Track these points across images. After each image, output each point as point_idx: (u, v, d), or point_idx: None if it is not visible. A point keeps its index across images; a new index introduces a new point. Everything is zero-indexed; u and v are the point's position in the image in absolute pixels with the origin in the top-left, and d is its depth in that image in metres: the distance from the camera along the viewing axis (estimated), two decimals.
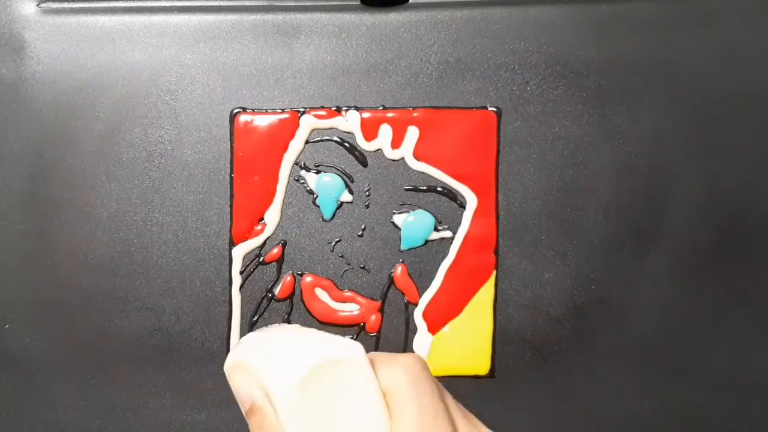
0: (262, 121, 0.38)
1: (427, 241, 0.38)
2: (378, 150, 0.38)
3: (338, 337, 0.25)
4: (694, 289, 0.38)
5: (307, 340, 0.26)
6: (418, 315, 0.38)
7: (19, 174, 0.38)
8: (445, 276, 0.38)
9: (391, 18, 0.38)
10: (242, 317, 0.38)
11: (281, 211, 0.38)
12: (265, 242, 0.38)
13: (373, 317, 0.38)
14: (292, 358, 0.25)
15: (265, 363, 0.26)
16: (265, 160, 0.38)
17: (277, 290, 0.38)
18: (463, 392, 0.38)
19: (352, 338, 0.38)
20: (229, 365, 0.28)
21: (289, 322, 0.38)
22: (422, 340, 0.38)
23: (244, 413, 0.27)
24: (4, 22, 0.38)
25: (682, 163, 0.38)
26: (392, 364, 0.25)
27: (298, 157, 0.38)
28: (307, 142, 0.38)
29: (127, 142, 0.38)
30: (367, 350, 0.25)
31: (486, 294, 0.38)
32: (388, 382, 0.24)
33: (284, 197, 0.38)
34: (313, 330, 0.27)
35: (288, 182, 0.38)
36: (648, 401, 0.38)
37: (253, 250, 0.38)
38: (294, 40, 0.38)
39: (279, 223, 0.38)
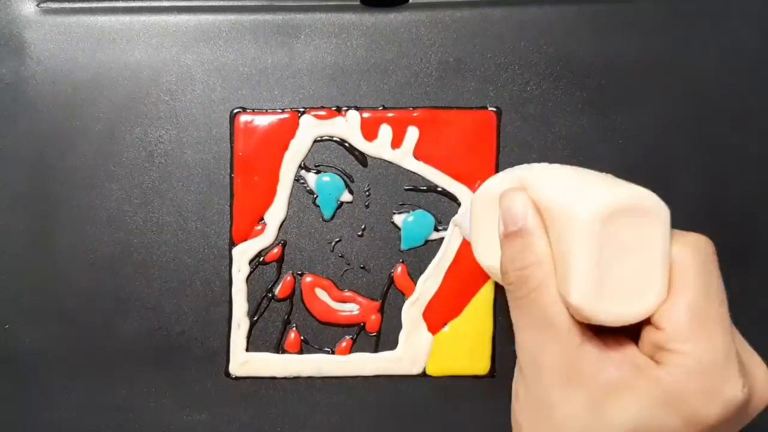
0: (262, 121, 0.38)
1: (427, 241, 0.38)
2: (378, 150, 0.38)
3: (645, 189, 0.25)
4: None
5: (614, 180, 0.25)
6: (408, 310, 0.38)
7: (19, 174, 0.38)
8: (445, 276, 0.38)
9: (391, 18, 0.38)
10: (242, 317, 0.38)
11: (285, 211, 0.38)
12: (273, 243, 0.38)
13: (373, 317, 0.38)
14: (597, 192, 0.24)
15: (559, 191, 0.25)
16: (265, 160, 0.38)
17: (277, 290, 0.38)
18: (463, 392, 0.38)
19: (360, 333, 0.38)
20: (502, 185, 0.27)
21: (289, 322, 0.38)
22: (422, 339, 0.38)
23: (500, 234, 0.26)
24: (4, 22, 0.38)
25: (682, 163, 0.38)
26: (685, 238, 0.24)
27: (299, 157, 0.38)
28: (315, 140, 0.38)
29: (127, 142, 0.38)
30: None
31: (486, 294, 0.38)
32: (676, 253, 0.23)
33: (288, 197, 0.38)
34: (609, 176, 0.26)
35: (291, 183, 0.38)
36: None
37: (260, 251, 0.38)
38: (294, 40, 0.38)
39: (283, 223, 0.38)
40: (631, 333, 0.25)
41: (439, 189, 0.38)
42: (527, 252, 0.25)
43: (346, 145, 0.38)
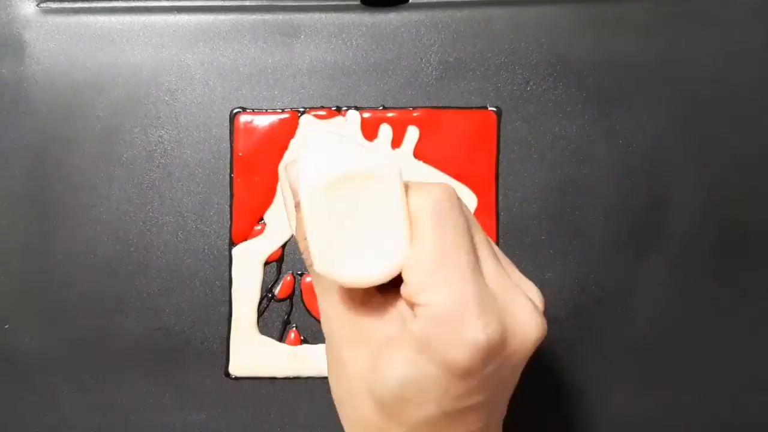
0: (262, 121, 0.38)
1: None
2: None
3: (379, 152, 0.25)
4: (694, 290, 0.38)
5: (347, 147, 0.25)
6: None
7: (19, 174, 0.38)
8: None
9: (391, 18, 0.38)
10: (242, 317, 0.38)
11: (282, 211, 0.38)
12: (284, 246, 0.38)
13: None
14: (327, 159, 0.24)
15: (307, 159, 0.25)
16: (265, 160, 0.38)
17: (277, 290, 0.38)
18: None
19: None
20: (287, 159, 0.27)
21: (289, 322, 0.38)
22: None
23: (293, 207, 0.27)
24: (4, 22, 0.38)
25: (682, 163, 0.38)
26: (420, 191, 0.24)
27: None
28: None
29: (127, 142, 0.38)
30: None
31: None
32: (412, 208, 0.23)
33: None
34: (359, 140, 0.26)
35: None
36: (648, 401, 0.38)
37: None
38: (294, 40, 0.38)
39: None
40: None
41: None
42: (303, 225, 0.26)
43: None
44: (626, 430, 0.38)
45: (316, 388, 0.38)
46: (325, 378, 0.37)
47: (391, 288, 0.24)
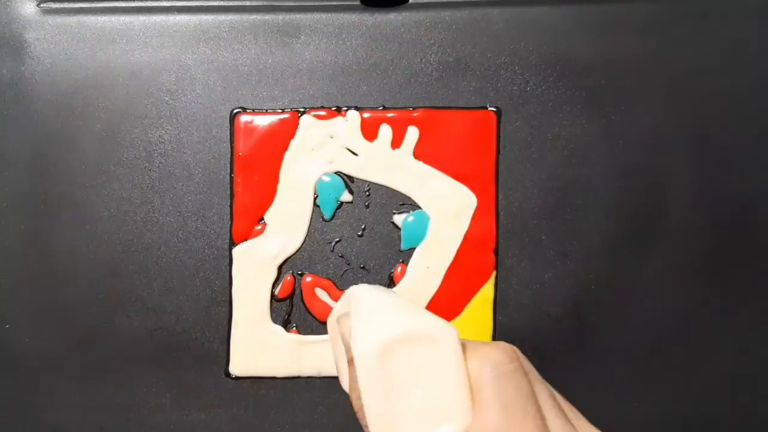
0: (262, 121, 0.38)
1: None
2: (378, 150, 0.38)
3: (434, 316, 0.23)
4: (694, 289, 0.38)
5: (403, 308, 0.24)
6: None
7: (19, 174, 0.38)
8: (445, 276, 0.38)
9: (391, 18, 0.38)
10: (242, 317, 0.38)
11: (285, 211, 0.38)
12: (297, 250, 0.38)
13: None
14: (380, 323, 0.23)
15: (357, 324, 0.24)
16: (265, 160, 0.38)
17: (277, 290, 0.38)
18: None
19: None
20: (337, 311, 0.26)
21: (289, 321, 0.38)
22: None
23: (347, 361, 0.26)
24: (4, 22, 0.38)
25: (682, 163, 0.38)
26: (478, 353, 0.23)
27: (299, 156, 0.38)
28: None
29: (127, 142, 0.38)
30: None
31: (486, 294, 0.38)
32: (472, 372, 0.22)
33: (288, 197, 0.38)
34: (413, 303, 0.25)
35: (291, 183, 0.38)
36: (648, 401, 0.38)
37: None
38: (294, 40, 0.38)
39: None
40: None
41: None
42: (355, 383, 0.25)
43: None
44: (626, 430, 0.38)
45: (316, 388, 0.38)
46: (325, 378, 0.38)
47: None
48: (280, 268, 0.38)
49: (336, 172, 0.38)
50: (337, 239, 0.38)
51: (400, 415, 0.22)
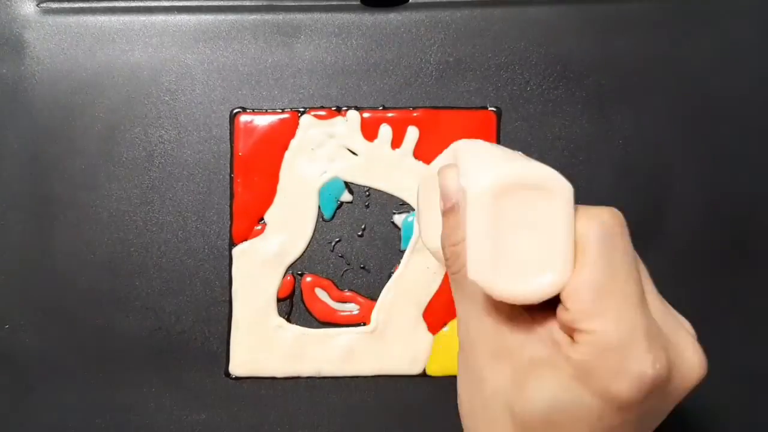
0: (262, 121, 0.38)
1: None
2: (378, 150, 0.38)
3: (550, 168, 0.23)
4: (694, 289, 0.38)
5: (519, 157, 0.24)
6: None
7: (19, 174, 0.38)
8: (445, 276, 0.38)
9: (391, 18, 0.38)
10: (242, 317, 0.38)
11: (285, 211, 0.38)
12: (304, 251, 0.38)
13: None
14: (500, 166, 0.23)
15: (472, 165, 0.24)
16: (265, 160, 0.38)
17: (277, 290, 0.38)
18: None
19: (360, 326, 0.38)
20: (442, 163, 0.26)
21: (289, 321, 0.38)
22: (422, 340, 0.38)
23: (441, 210, 0.26)
24: (4, 22, 0.38)
25: (682, 163, 0.38)
26: (589, 213, 0.23)
27: (299, 157, 0.38)
28: None
29: (127, 142, 0.38)
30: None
31: None
32: (580, 229, 0.23)
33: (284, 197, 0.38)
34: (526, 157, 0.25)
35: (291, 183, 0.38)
36: None
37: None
38: (294, 40, 0.38)
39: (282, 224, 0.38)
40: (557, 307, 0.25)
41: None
42: (458, 228, 0.25)
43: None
44: None
45: (316, 388, 0.38)
46: (325, 378, 0.38)
47: (540, 308, 0.24)
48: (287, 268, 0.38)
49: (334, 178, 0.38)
50: (337, 239, 0.38)
51: (503, 257, 0.22)
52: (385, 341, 0.38)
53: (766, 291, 0.38)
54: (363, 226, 0.38)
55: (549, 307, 0.23)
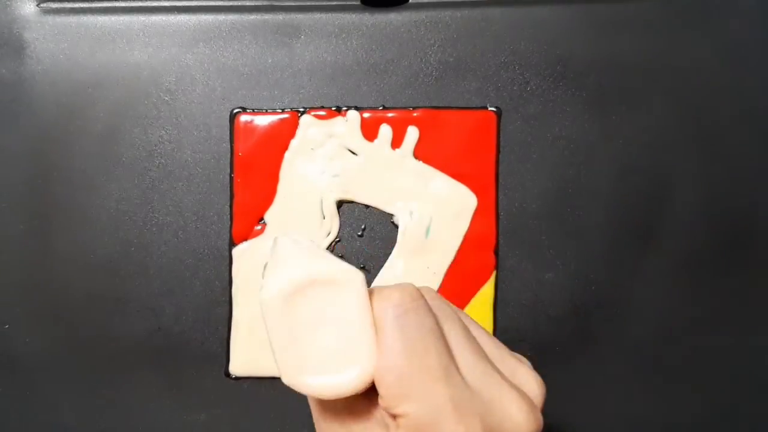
0: (262, 121, 0.38)
1: None
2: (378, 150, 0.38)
3: (341, 261, 0.24)
4: (694, 290, 0.38)
5: (312, 254, 0.24)
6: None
7: (19, 174, 0.38)
8: (445, 276, 0.38)
9: (391, 18, 0.38)
10: (242, 317, 0.38)
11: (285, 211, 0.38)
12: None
13: None
14: (285, 268, 0.23)
15: (269, 267, 0.24)
16: (265, 160, 0.38)
17: None
18: None
19: None
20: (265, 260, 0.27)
21: None
22: None
23: None
24: (4, 22, 0.38)
25: (682, 163, 0.38)
26: (380, 296, 0.23)
27: (299, 156, 0.38)
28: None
29: (127, 142, 0.38)
30: None
31: (486, 294, 0.38)
32: (375, 314, 0.22)
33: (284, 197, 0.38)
34: (322, 248, 0.26)
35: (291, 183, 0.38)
36: (648, 401, 0.38)
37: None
38: (294, 40, 0.38)
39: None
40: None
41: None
42: None
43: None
44: (626, 429, 0.38)
45: None
46: None
47: (376, 393, 0.23)
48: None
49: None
50: (337, 239, 0.38)
51: (307, 358, 0.23)
52: None
53: (766, 291, 0.38)
54: (363, 226, 0.38)
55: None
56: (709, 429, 0.38)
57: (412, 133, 0.38)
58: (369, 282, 0.38)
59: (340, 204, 0.38)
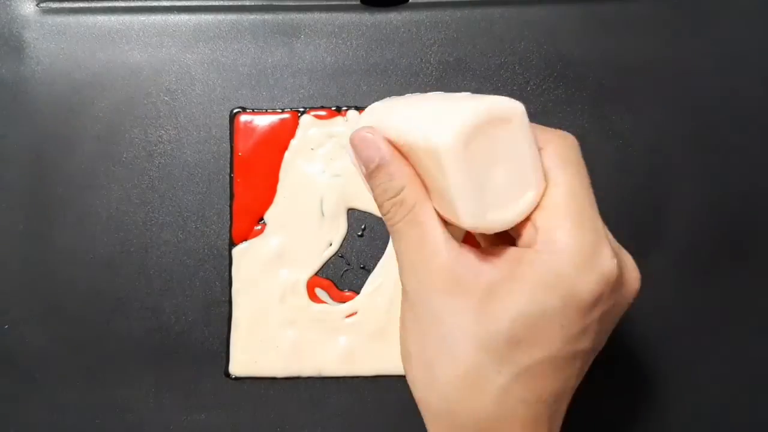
0: (262, 121, 0.38)
1: None
2: None
3: (497, 96, 0.25)
4: (694, 290, 0.38)
5: (459, 98, 0.25)
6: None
7: (19, 174, 0.38)
8: None
9: (391, 18, 0.38)
10: (242, 317, 0.38)
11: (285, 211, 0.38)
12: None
13: None
14: (457, 113, 0.24)
15: (413, 122, 0.25)
16: (265, 160, 0.38)
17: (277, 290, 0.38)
18: None
19: None
20: (354, 132, 0.27)
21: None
22: None
23: (364, 178, 0.27)
24: (4, 22, 0.38)
25: (682, 163, 0.38)
26: (551, 134, 0.25)
27: (299, 156, 0.38)
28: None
29: (127, 142, 0.38)
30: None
31: None
32: (544, 148, 0.24)
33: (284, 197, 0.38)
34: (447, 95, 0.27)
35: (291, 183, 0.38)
36: (648, 401, 0.38)
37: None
38: (294, 40, 0.38)
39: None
40: (508, 235, 0.26)
41: None
42: (395, 178, 0.25)
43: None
44: (626, 429, 0.38)
45: (316, 388, 0.38)
46: (325, 378, 0.38)
47: (486, 237, 0.25)
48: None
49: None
50: (340, 255, 0.38)
51: (488, 195, 0.24)
52: (385, 341, 0.38)
53: (766, 291, 0.38)
54: (363, 226, 0.38)
55: (499, 235, 0.25)
56: (709, 429, 0.38)
57: None
58: (365, 281, 0.38)
59: (348, 210, 0.38)
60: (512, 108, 0.24)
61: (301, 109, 0.38)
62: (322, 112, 0.38)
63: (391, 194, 0.25)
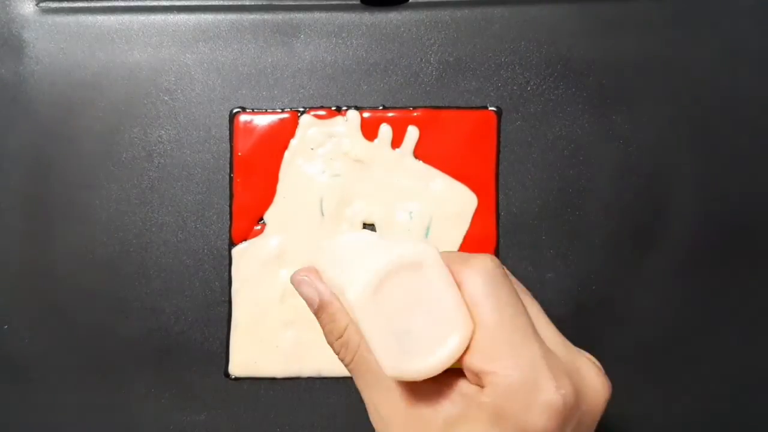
0: (262, 121, 0.38)
1: None
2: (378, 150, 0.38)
3: (410, 241, 0.24)
4: (694, 289, 0.38)
5: (378, 244, 0.25)
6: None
7: (19, 174, 0.38)
8: None
9: (391, 18, 0.38)
10: (242, 317, 0.38)
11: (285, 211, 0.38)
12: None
13: None
14: (366, 262, 0.24)
15: (338, 271, 0.25)
16: (265, 160, 0.38)
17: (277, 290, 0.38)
18: None
19: None
20: (293, 274, 0.27)
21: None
22: None
23: (313, 312, 0.27)
24: (4, 22, 0.38)
25: (682, 163, 0.38)
26: (469, 264, 0.24)
27: (299, 156, 0.38)
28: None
29: (126, 142, 0.38)
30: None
31: None
32: (465, 283, 0.23)
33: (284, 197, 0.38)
34: (380, 237, 0.26)
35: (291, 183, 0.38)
36: (648, 401, 0.38)
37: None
38: (294, 40, 0.38)
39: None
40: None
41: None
42: (336, 319, 0.26)
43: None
44: (626, 429, 0.38)
45: (316, 388, 0.38)
46: (325, 378, 0.38)
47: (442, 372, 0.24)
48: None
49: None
50: None
51: (407, 342, 0.23)
52: None
53: (766, 291, 0.38)
54: (363, 226, 0.38)
55: (449, 369, 0.24)
56: (709, 429, 0.38)
57: (412, 133, 0.38)
58: None
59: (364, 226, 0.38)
60: (422, 253, 0.23)
61: (301, 109, 0.38)
62: (322, 112, 0.38)
63: (337, 335, 0.26)
